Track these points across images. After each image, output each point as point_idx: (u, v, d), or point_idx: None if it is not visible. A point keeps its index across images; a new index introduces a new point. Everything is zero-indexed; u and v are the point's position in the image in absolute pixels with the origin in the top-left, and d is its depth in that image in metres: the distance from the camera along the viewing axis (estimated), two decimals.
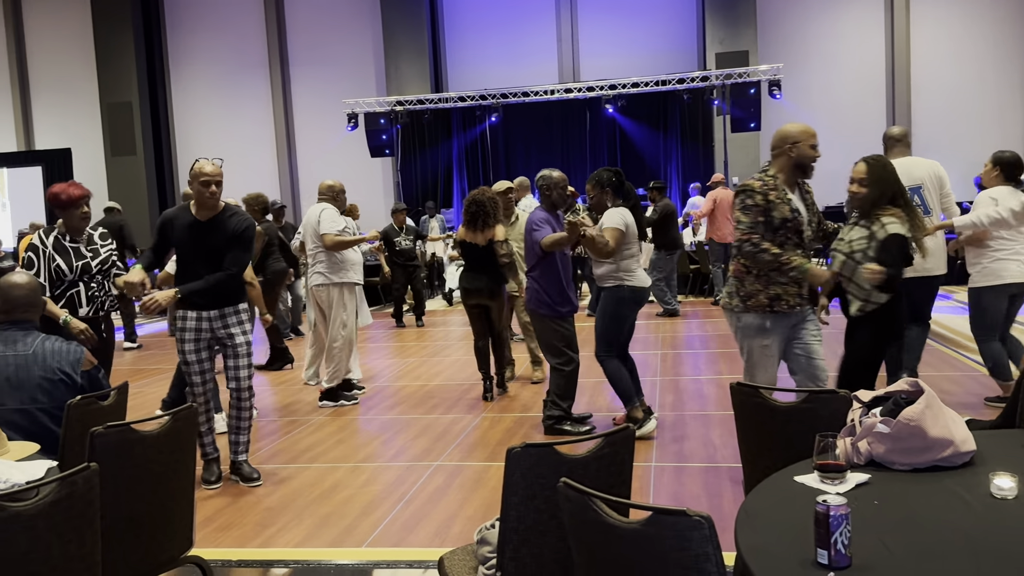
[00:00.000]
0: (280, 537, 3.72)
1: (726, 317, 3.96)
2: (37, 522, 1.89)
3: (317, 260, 6.14)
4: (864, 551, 1.65)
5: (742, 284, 3.80)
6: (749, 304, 3.77)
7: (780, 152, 3.78)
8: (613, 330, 5.01)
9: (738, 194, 3.76)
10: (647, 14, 16.24)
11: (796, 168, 3.76)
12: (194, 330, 4.30)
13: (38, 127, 18.29)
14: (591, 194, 5.07)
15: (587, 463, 2.02)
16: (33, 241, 4.44)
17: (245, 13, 17.41)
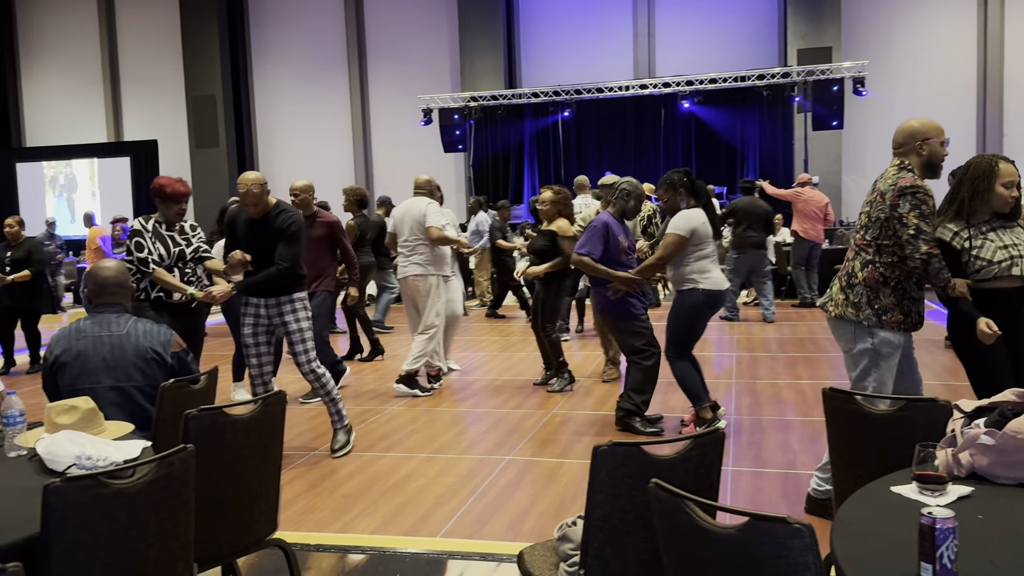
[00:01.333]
0: (357, 523, 3.78)
1: (841, 328, 3.50)
2: (137, 500, 1.95)
3: (416, 252, 6.28)
4: (970, 566, 1.58)
5: (876, 296, 3.35)
6: (884, 319, 3.35)
7: (909, 150, 3.39)
8: (686, 334, 4.92)
9: (909, 195, 3.24)
10: (726, 9, 15.93)
11: (927, 167, 3.38)
12: (253, 315, 4.65)
13: (127, 119, 19.00)
14: (663, 197, 4.97)
15: (675, 464, 1.99)
16: (136, 227, 4.69)
17: (325, 8, 17.74)
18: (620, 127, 16.28)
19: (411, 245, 6.31)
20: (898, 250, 3.32)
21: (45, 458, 2.37)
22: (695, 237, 4.77)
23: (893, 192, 3.28)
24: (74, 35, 18.93)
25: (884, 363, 3.40)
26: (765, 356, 7.47)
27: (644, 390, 5.15)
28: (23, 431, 2.62)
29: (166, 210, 4.72)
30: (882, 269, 3.34)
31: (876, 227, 3.34)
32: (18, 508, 2.05)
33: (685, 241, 4.76)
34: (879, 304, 3.36)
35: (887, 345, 3.38)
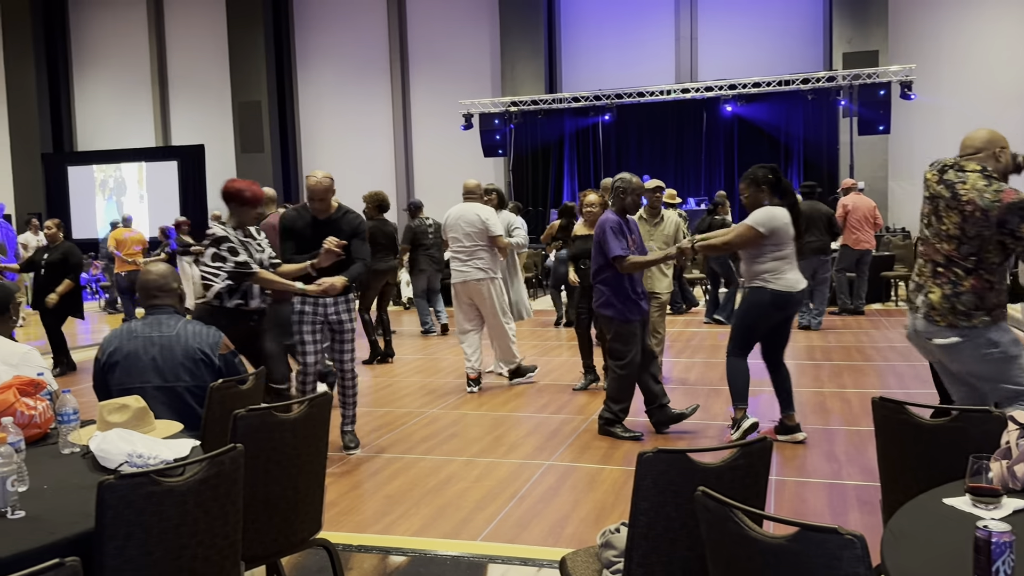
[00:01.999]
0: (398, 525, 3.81)
1: (952, 338, 3.29)
2: (187, 498, 1.99)
3: (476, 256, 6.46)
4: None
5: (984, 299, 3.24)
6: (994, 316, 3.26)
7: (988, 155, 3.31)
8: (746, 331, 4.84)
9: (1018, 210, 3.14)
10: (770, 12, 15.77)
11: (1003, 174, 3.33)
12: (311, 314, 4.74)
13: (175, 124, 19.41)
14: (745, 192, 4.82)
15: (721, 473, 1.97)
16: (220, 233, 4.48)
17: (369, 15, 17.94)
18: (661, 131, 16.20)
19: (469, 250, 6.48)
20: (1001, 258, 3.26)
21: (98, 455, 2.42)
22: (774, 236, 4.63)
23: (1000, 209, 3.15)
24: (124, 42, 19.40)
25: (1016, 349, 3.30)
26: (809, 364, 7.36)
27: (620, 399, 5.16)
28: (77, 428, 2.69)
29: (243, 215, 4.56)
30: (987, 276, 3.26)
31: (975, 243, 3.22)
32: (73, 504, 2.10)
33: (760, 237, 4.63)
34: (989, 304, 3.28)
35: (1007, 333, 3.31)
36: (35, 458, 2.45)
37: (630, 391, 5.20)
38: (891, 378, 6.70)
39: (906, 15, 14.98)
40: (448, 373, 7.44)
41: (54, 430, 2.75)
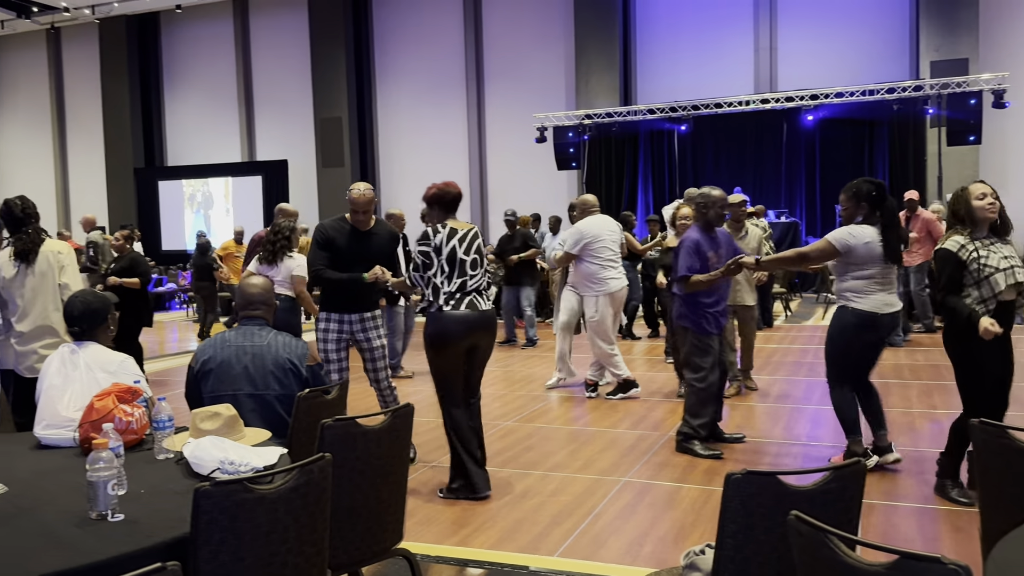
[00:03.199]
0: (475, 537, 3.82)
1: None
2: (278, 505, 2.04)
3: (620, 265, 6.78)
4: None
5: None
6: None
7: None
8: (840, 356, 4.60)
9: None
10: (853, 21, 15.37)
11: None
12: (336, 331, 4.82)
13: (259, 140, 20.06)
14: (844, 204, 4.61)
15: (813, 496, 1.92)
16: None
17: (446, 33, 18.22)
18: (739, 142, 15.93)
19: (616, 260, 6.70)
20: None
21: (191, 461, 2.50)
22: (851, 255, 4.42)
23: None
24: (212, 62, 20.17)
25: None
26: (896, 383, 7.11)
27: (699, 413, 5.06)
28: (171, 435, 2.79)
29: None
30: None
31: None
32: (169, 509, 2.18)
33: (835, 253, 4.46)
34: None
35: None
36: (131, 463, 2.54)
37: (708, 405, 5.11)
38: None
39: (997, 22, 14.39)
40: (523, 385, 7.45)
41: (149, 436, 2.86)
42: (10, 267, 4.33)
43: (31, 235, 4.33)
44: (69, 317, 3.24)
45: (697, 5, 16.43)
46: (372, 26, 18.85)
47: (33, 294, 4.30)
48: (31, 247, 4.31)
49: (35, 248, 4.32)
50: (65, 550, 1.92)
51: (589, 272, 6.60)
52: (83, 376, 3.08)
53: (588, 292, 6.65)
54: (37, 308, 4.31)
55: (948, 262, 3.90)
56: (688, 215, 6.35)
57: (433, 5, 18.31)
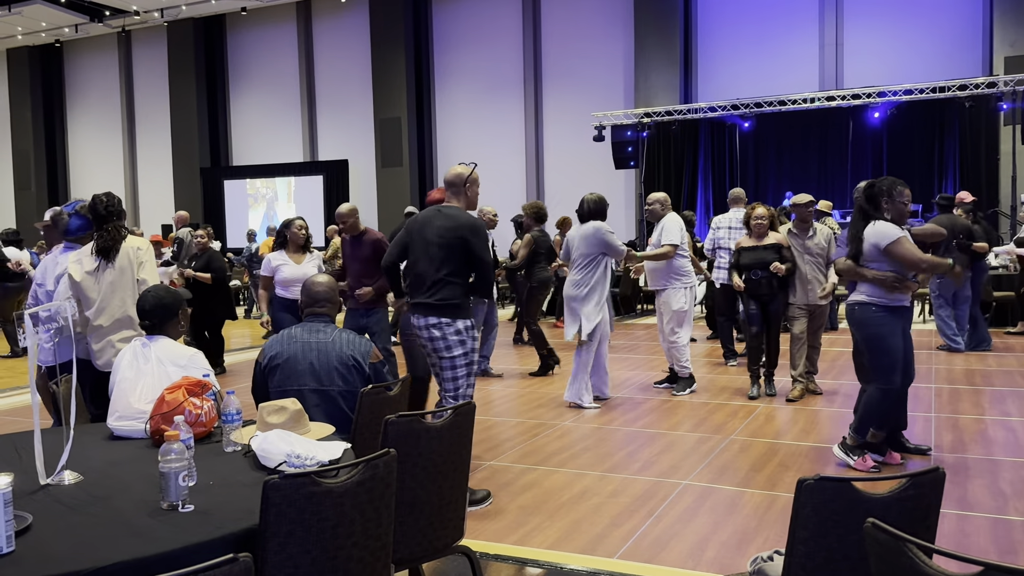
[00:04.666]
0: (534, 536, 3.81)
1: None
2: (345, 499, 2.06)
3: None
4: None
5: None
6: None
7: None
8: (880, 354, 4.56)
9: None
10: (922, 16, 14.92)
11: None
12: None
13: (321, 140, 20.40)
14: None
15: (888, 504, 1.85)
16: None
17: (504, 33, 18.26)
18: (802, 141, 15.61)
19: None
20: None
21: (259, 454, 2.55)
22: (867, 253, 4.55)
23: None
24: (276, 63, 20.59)
25: None
26: (968, 389, 6.87)
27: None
28: (239, 428, 2.84)
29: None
30: None
31: None
32: (238, 500, 2.22)
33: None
34: None
35: None
36: (201, 455, 2.60)
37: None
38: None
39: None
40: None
41: (218, 429, 2.91)
42: (91, 262, 4.47)
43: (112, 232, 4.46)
44: (141, 311, 3.32)
45: (760, 2, 16.15)
46: (431, 27, 19.00)
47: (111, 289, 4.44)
48: (112, 244, 4.44)
49: (116, 245, 4.45)
50: (138, 539, 1.96)
51: (679, 265, 6.80)
52: (154, 369, 3.16)
53: (676, 285, 6.80)
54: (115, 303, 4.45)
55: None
56: (763, 215, 6.47)
57: (492, 6, 18.38)
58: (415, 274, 4.24)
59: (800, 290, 6.44)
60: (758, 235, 6.50)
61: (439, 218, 4.26)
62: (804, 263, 6.43)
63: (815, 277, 6.43)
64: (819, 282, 6.42)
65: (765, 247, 6.44)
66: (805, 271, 6.42)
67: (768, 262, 6.35)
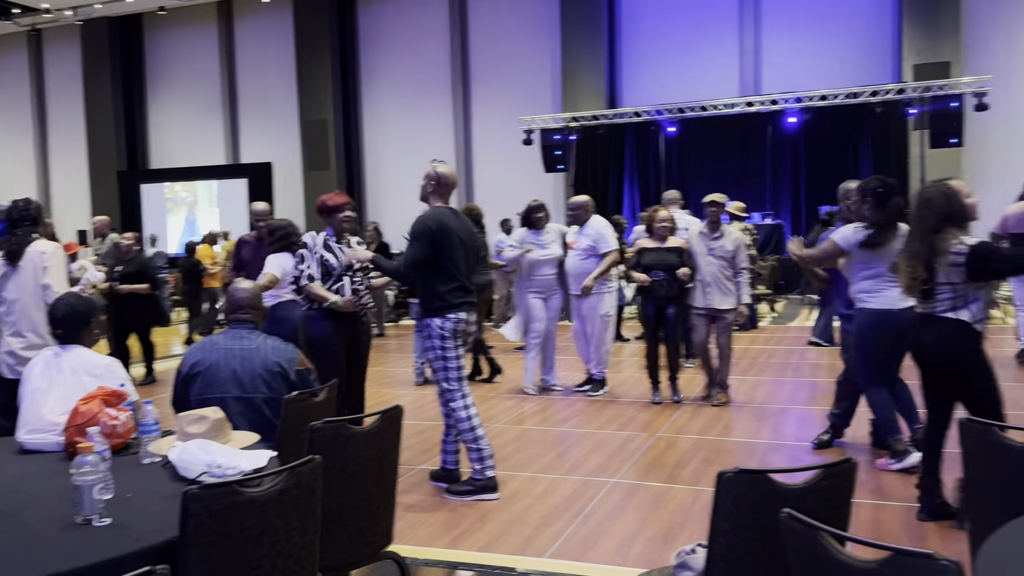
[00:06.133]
0: (465, 539, 3.81)
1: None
2: (268, 508, 2.03)
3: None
4: None
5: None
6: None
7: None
8: (863, 356, 4.60)
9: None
10: (836, 24, 15.48)
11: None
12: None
13: (244, 143, 19.97)
14: (855, 203, 4.63)
15: (804, 494, 1.92)
16: (305, 240, 4.84)
17: (432, 36, 18.21)
18: (724, 145, 16.02)
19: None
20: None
21: (178, 465, 2.48)
22: (855, 253, 4.48)
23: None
24: (196, 64, 20.07)
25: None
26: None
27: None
28: (157, 439, 2.76)
29: (332, 221, 4.84)
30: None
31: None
32: (156, 512, 2.16)
33: (838, 250, 4.53)
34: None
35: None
36: (117, 467, 2.51)
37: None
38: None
39: (979, 26, 14.54)
40: (508, 388, 7.43)
41: (135, 440, 2.83)
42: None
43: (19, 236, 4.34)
44: (53, 320, 3.20)
45: (682, 9, 16.50)
46: (358, 29, 18.82)
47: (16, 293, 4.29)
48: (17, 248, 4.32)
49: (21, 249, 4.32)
50: (51, 554, 1.89)
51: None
52: (68, 380, 3.05)
53: (603, 289, 6.86)
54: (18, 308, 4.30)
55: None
56: (667, 217, 6.45)
57: (419, 9, 18.31)
58: (463, 273, 4.35)
59: (700, 294, 6.26)
60: (660, 237, 6.42)
61: (462, 220, 4.48)
62: (707, 265, 6.23)
63: (716, 281, 6.23)
64: (721, 286, 6.23)
65: (667, 249, 6.36)
66: (707, 274, 6.24)
67: (669, 264, 6.27)
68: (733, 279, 6.28)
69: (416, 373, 7.72)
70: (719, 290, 6.23)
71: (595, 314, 6.88)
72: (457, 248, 4.33)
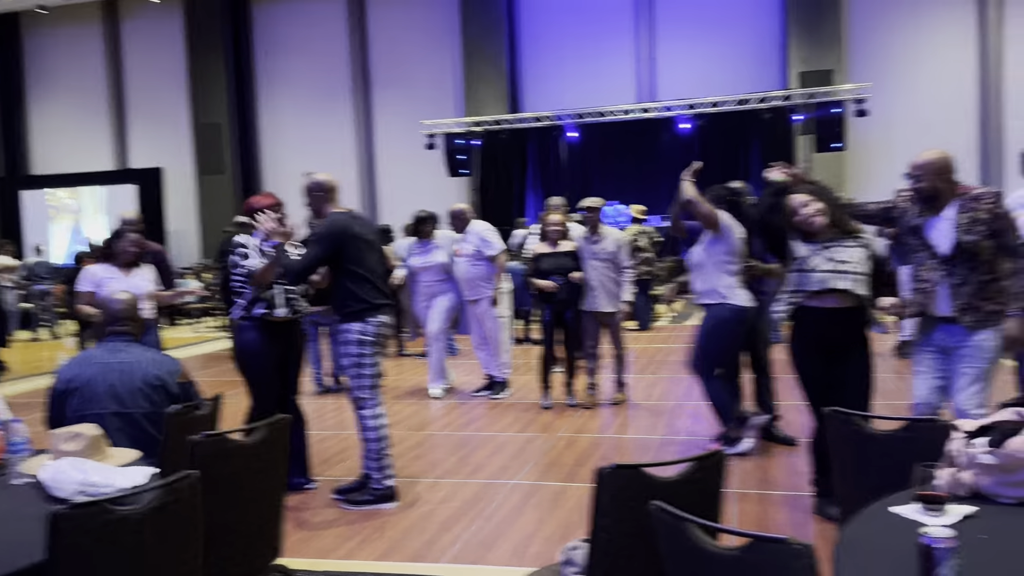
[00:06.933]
0: (362, 549, 3.78)
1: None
2: (143, 526, 1.97)
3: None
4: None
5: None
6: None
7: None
8: (715, 350, 4.90)
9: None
10: (727, 33, 16.09)
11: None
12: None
13: (132, 147, 19.20)
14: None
15: (677, 487, 2.00)
16: (240, 240, 4.51)
17: (331, 38, 17.96)
18: (624, 150, 16.37)
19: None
20: None
21: (48, 485, 2.38)
22: (726, 237, 4.85)
23: None
24: (80, 66, 19.18)
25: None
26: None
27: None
28: (27, 458, 2.64)
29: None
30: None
31: None
32: (25, 535, 2.06)
33: (715, 222, 4.82)
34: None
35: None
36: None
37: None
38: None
39: (860, 35, 15.38)
40: (408, 394, 7.40)
41: (4, 460, 2.69)
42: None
43: None
44: None
45: (580, 17, 16.81)
46: (252, 31, 18.38)
47: None
48: None
49: None
50: None
51: (491, 273, 6.90)
52: None
53: (487, 292, 6.88)
54: None
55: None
56: (559, 220, 6.44)
57: (316, 12, 18.03)
58: (376, 276, 4.32)
59: (586, 297, 6.32)
60: (552, 241, 6.42)
61: (364, 222, 4.47)
62: (591, 269, 6.29)
63: (601, 284, 6.29)
64: (606, 289, 6.30)
65: (564, 254, 6.34)
66: (592, 278, 6.29)
67: (567, 268, 6.29)
68: (618, 280, 6.38)
69: (315, 381, 7.59)
70: (605, 293, 6.33)
71: (489, 317, 6.91)
72: (365, 251, 4.27)
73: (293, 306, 4.52)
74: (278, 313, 4.43)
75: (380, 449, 4.34)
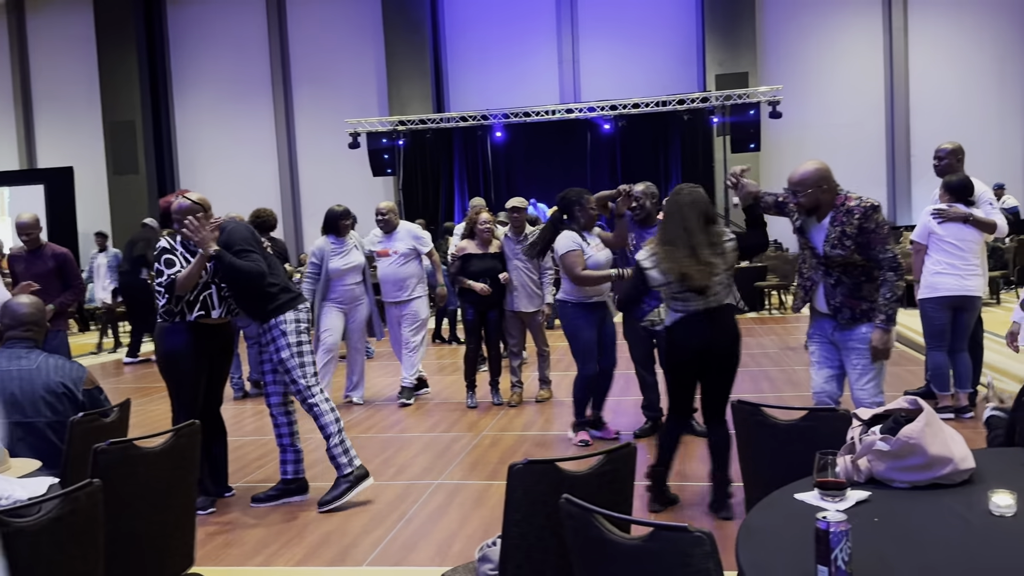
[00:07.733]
0: (281, 555, 3.71)
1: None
2: (40, 538, 1.90)
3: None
4: (864, 568, 1.66)
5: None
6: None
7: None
8: (577, 346, 5.27)
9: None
10: (647, 36, 16.39)
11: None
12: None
13: (40, 146, 18.41)
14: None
15: (588, 480, 2.03)
16: (164, 245, 4.25)
17: (248, 34, 17.57)
18: (547, 150, 16.52)
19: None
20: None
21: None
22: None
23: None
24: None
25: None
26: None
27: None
28: None
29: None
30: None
31: None
32: None
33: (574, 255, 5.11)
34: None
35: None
36: None
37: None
38: (764, 383, 7.03)
39: (774, 39, 15.88)
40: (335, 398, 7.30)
41: None
42: None
43: None
44: None
45: (503, 18, 16.88)
46: (166, 26, 17.85)
47: None
48: None
49: None
50: None
51: (422, 272, 6.93)
52: None
53: (422, 294, 6.92)
54: None
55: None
56: (488, 220, 6.51)
57: (233, 7, 17.63)
58: (281, 276, 4.41)
59: (509, 297, 6.37)
60: (483, 241, 6.44)
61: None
62: (514, 270, 6.33)
63: (523, 284, 6.33)
64: (527, 289, 6.34)
65: (492, 255, 6.37)
66: (514, 278, 6.33)
67: (495, 270, 6.31)
68: (540, 281, 6.42)
69: (234, 387, 7.42)
70: (526, 293, 6.37)
71: (414, 318, 6.82)
72: (267, 256, 4.41)
73: (228, 306, 4.41)
74: (215, 314, 4.31)
75: (341, 430, 4.34)
